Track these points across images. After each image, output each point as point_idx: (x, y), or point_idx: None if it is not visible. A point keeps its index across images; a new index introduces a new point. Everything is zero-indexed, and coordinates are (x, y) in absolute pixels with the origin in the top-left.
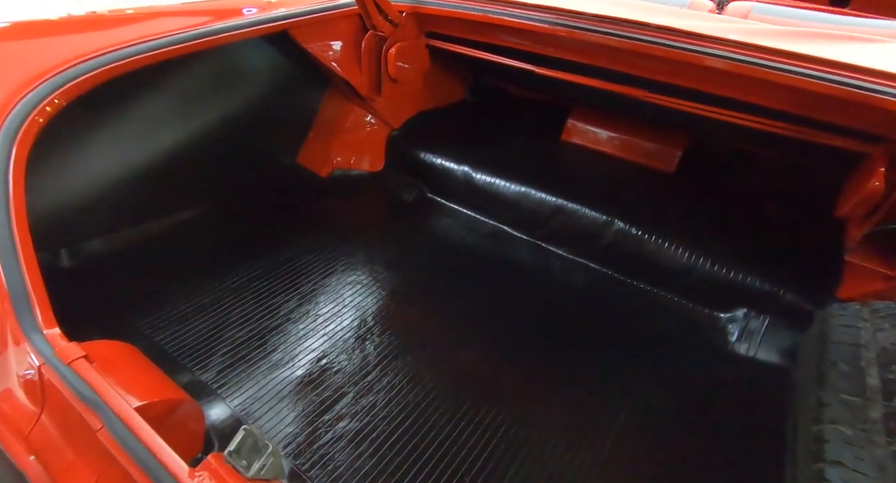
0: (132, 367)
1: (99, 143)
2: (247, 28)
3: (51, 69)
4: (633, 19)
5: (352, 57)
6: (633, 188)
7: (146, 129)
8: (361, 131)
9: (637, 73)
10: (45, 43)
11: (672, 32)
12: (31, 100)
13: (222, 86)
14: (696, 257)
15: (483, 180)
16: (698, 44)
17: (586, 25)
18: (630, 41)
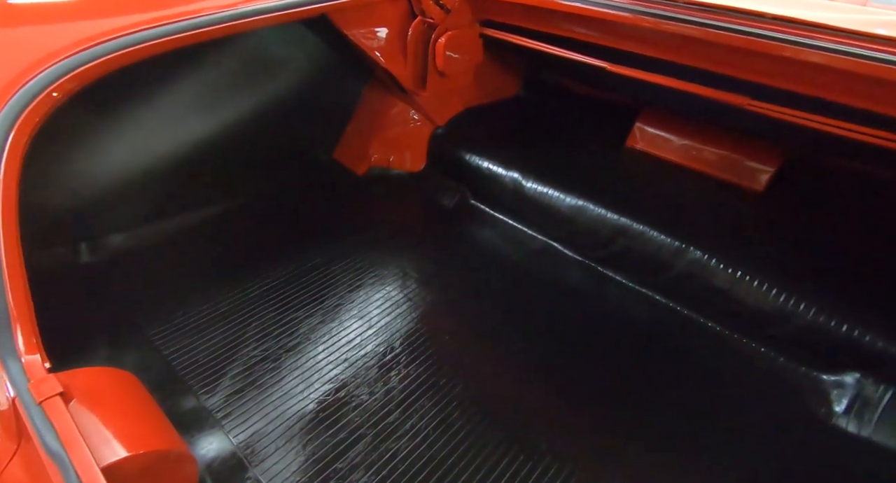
0: (121, 403)
1: (123, 133)
2: (282, 10)
3: (62, 50)
4: (744, 8)
5: (396, 46)
6: (712, 209)
7: (173, 118)
8: (403, 127)
9: (737, 75)
10: (61, 23)
11: (793, 25)
12: (38, 83)
13: (255, 73)
14: (796, 301)
15: (533, 189)
16: (829, 40)
17: (679, 15)
18: (738, 36)
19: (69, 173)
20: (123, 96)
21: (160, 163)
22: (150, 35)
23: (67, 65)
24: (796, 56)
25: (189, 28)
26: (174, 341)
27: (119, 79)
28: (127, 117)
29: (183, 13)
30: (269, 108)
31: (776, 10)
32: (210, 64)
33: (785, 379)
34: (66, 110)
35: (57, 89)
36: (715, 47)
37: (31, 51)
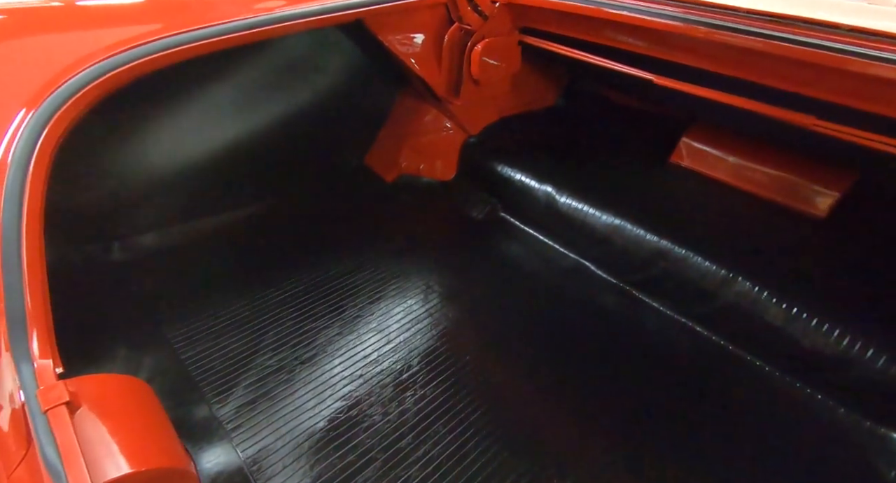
0: (129, 414)
1: (159, 134)
2: (318, 16)
3: (97, 53)
4: (815, 18)
5: (431, 52)
6: (766, 235)
7: (207, 120)
8: (435, 135)
9: (802, 91)
10: (96, 26)
11: (872, 37)
12: (73, 85)
13: (290, 76)
14: (861, 345)
15: (567, 204)
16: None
17: (738, 25)
18: (807, 49)
19: (107, 172)
20: (159, 97)
21: (194, 164)
22: (187, 38)
23: (101, 68)
24: (873, 71)
25: (224, 32)
26: (193, 345)
27: (155, 80)
28: (163, 118)
29: (219, 18)
30: (302, 111)
31: (851, 21)
32: (245, 67)
33: (845, 433)
34: (106, 111)
35: (90, 92)
36: (778, 61)
37: (71, 52)
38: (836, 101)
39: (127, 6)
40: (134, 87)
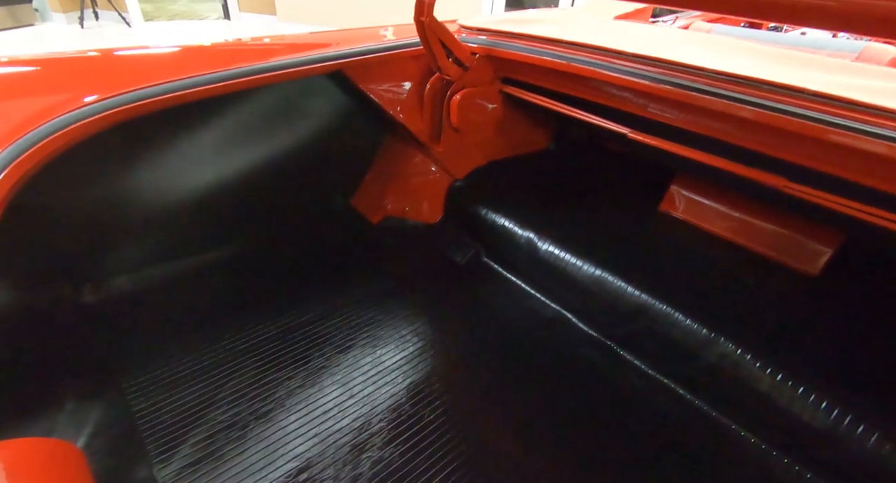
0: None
1: (138, 175)
2: (299, 67)
3: (70, 101)
4: (780, 82)
5: (413, 101)
6: (754, 293)
7: (189, 162)
8: (422, 178)
9: (772, 154)
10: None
11: (839, 104)
12: (46, 129)
13: (275, 120)
14: (852, 421)
15: (549, 252)
16: (876, 123)
17: (704, 86)
18: (771, 113)
19: (84, 213)
20: (139, 140)
21: (175, 206)
22: (174, 87)
23: (75, 116)
24: (832, 138)
25: (210, 81)
26: (147, 396)
27: (137, 125)
28: (143, 161)
29: (203, 70)
30: (287, 153)
31: (818, 87)
32: (229, 112)
33: None
34: (83, 152)
35: (62, 137)
36: (745, 123)
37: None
38: (805, 165)
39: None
40: (112, 130)
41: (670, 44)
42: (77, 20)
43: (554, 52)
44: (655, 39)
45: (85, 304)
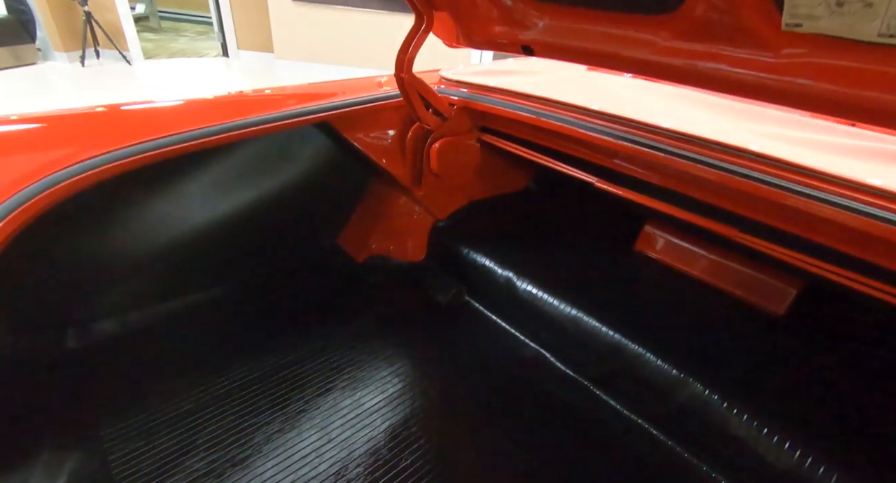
0: None
1: (126, 223)
2: (287, 120)
3: (66, 158)
4: (725, 142)
5: (396, 148)
6: (723, 333)
7: (177, 209)
8: (406, 218)
9: (728, 208)
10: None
11: (775, 164)
12: (40, 186)
13: (264, 167)
14: (814, 462)
15: (526, 291)
16: (818, 187)
17: (661, 144)
18: (718, 172)
19: (69, 258)
20: (132, 188)
21: (161, 249)
22: (172, 141)
23: (73, 171)
24: (777, 198)
25: (206, 135)
26: (125, 444)
27: (127, 177)
28: (131, 206)
29: (191, 125)
30: (275, 197)
31: (760, 148)
32: (222, 159)
33: None
34: (75, 201)
35: (59, 191)
36: (701, 181)
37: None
38: (760, 220)
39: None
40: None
41: (637, 99)
42: (78, 59)
43: (526, 107)
44: (624, 93)
45: (68, 349)
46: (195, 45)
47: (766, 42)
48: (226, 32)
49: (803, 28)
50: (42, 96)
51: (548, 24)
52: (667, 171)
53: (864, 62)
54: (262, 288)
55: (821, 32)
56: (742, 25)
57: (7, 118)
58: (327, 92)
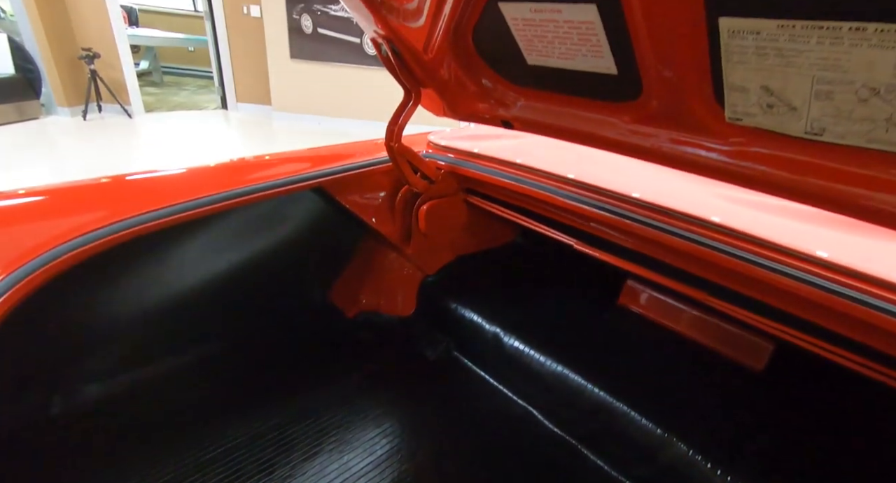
0: None
1: (114, 289)
2: (281, 187)
3: (67, 233)
4: (689, 213)
5: (385, 209)
6: (706, 391)
7: (169, 273)
8: (396, 274)
9: (700, 274)
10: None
11: (740, 237)
12: (38, 262)
13: (259, 229)
14: None
15: (513, 347)
16: (780, 260)
17: (631, 214)
18: (688, 243)
19: (56, 325)
20: (125, 255)
21: (149, 312)
22: (173, 211)
23: (71, 245)
24: (738, 268)
25: (207, 204)
26: None
27: (121, 248)
28: (126, 272)
29: (184, 196)
30: (267, 256)
31: (721, 219)
32: (218, 224)
33: None
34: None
35: (57, 266)
36: (671, 249)
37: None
38: (730, 287)
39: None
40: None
41: (615, 167)
42: (81, 113)
43: (508, 174)
44: (599, 161)
45: (51, 417)
46: (195, 98)
47: (714, 131)
48: (225, 86)
49: (744, 122)
50: (39, 150)
51: (525, 104)
52: (639, 237)
53: (799, 153)
54: (250, 347)
55: (759, 126)
56: (693, 116)
57: (14, 193)
58: (322, 156)
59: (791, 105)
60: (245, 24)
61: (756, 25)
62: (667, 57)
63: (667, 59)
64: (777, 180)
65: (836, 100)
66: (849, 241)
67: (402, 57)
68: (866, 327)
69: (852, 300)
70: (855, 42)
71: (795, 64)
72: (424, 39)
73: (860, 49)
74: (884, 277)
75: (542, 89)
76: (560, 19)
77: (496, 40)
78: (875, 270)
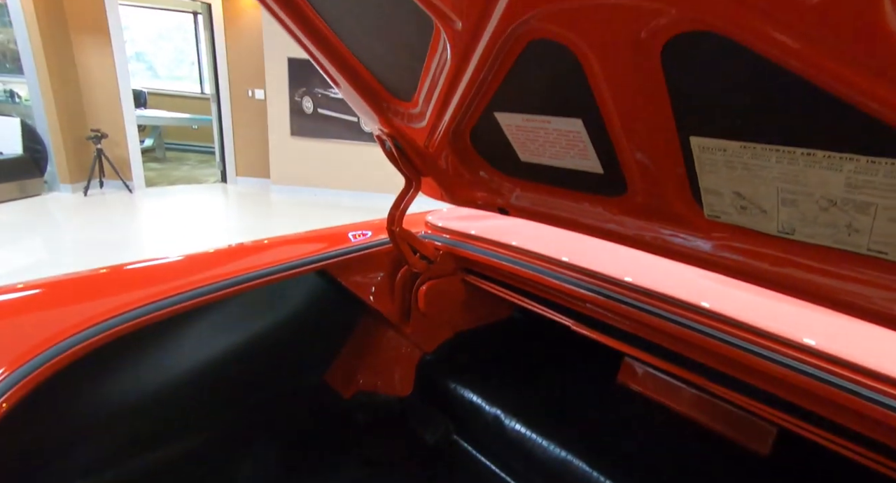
0: None
1: (105, 382)
2: (290, 270)
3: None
4: (681, 299)
5: (385, 289)
6: (711, 478)
7: (164, 362)
8: (394, 352)
9: (697, 359)
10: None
11: (741, 326)
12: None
13: (255, 315)
14: None
15: (515, 431)
16: (775, 349)
17: (625, 298)
18: (682, 328)
19: (40, 422)
20: (120, 346)
21: (139, 403)
22: (173, 301)
23: (71, 342)
24: (731, 354)
25: (209, 292)
26: None
27: (122, 341)
28: (119, 364)
29: (199, 281)
30: (268, 340)
31: (714, 303)
32: (219, 310)
33: None
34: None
35: (53, 366)
36: (667, 335)
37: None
38: (730, 373)
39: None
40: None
41: (609, 249)
42: (82, 189)
43: (504, 256)
44: (596, 244)
45: None
46: (195, 172)
47: (696, 226)
48: (226, 161)
49: (721, 219)
50: (36, 227)
51: (519, 194)
52: (633, 320)
53: (776, 249)
54: (245, 433)
55: (736, 224)
56: (675, 212)
57: (10, 287)
58: (321, 237)
59: (762, 208)
60: (249, 106)
61: (722, 144)
62: (647, 163)
63: (647, 164)
64: (759, 272)
65: (800, 207)
66: (849, 329)
67: (404, 151)
68: (866, 419)
69: (850, 392)
70: (808, 164)
71: (761, 176)
72: (426, 137)
73: (814, 169)
74: (881, 370)
75: (535, 181)
76: (550, 128)
77: (492, 140)
78: (872, 363)
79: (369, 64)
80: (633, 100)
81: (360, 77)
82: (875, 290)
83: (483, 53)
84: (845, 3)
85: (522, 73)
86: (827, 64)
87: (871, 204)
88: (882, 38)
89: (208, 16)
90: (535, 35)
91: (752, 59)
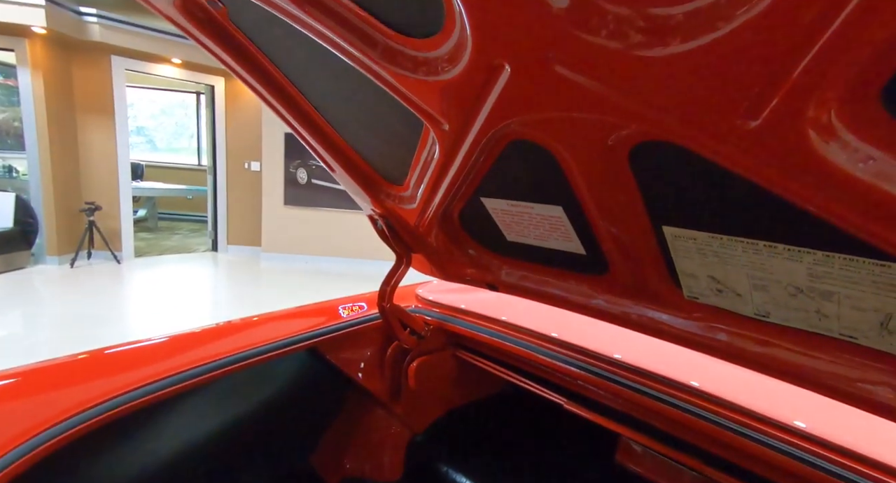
0: None
1: (81, 471)
2: (278, 349)
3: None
4: (681, 381)
5: (374, 365)
6: None
7: (139, 455)
8: (383, 433)
9: (694, 442)
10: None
11: (738, 409)
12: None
13: (240, 396)
14: None
15: None
16: (772, 434)
17: (618, 377)
18: (675, 410)
19: None
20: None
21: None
22: (151, 389)
23: (48, 435)
24: (729, 440)
25: (197, 375)
26: None
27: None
28: (95, 457)
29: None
30: (251, 422)
31: (709, 383)
32: (198, 395)
33: None
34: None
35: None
36: (660, 415)
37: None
38: (717, 453)
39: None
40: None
41: (599, 327)
42: (69, 261)
43: (494, 332)
44: (587, 319)
45: None
46: (186, 241)
47: (676, 306)
48: (218, 229)
49: (700, 300)
50: (16, 301)
51: (507, 272)
52: (626, 399)
53: (754, 330)
54: None
55: (715, 305)
56: (656, 292)
57: None
58: (310, 312)
59: (736, 292)
60: (245, 177)
61: (692, 234)
62: (626, 247)
63: (626, 249)
64: (740, 352)
65: (771, 292)
66: (847, 412)
67: (396, 230)
68: None
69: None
70: (771, 254)
71: (731, 263)
72: (416, 218)
73: (777, 260)
74: (879, 459)
75: (522, 260)
76: (533, 212)
77: (480, 221)
78: (871, 451)
79: (363, 152)
80: (608, 194)
81: (354, 163)
82: (855, 373)
83: (468, 150)
84: (778, 128)
85: (505, 166)
86: (770, 173)
87: (833, 292)
88: (814, 160)
89: (211, 95)
90: (516, 136)
91: (706, 165)
